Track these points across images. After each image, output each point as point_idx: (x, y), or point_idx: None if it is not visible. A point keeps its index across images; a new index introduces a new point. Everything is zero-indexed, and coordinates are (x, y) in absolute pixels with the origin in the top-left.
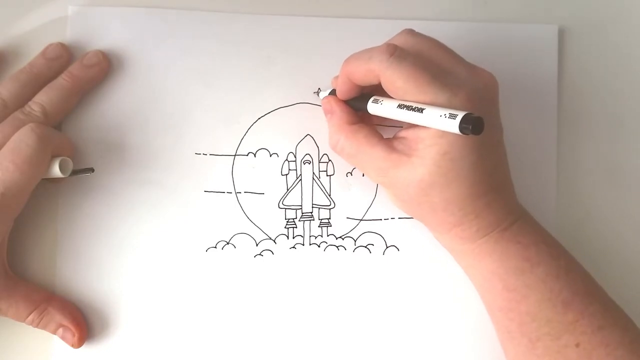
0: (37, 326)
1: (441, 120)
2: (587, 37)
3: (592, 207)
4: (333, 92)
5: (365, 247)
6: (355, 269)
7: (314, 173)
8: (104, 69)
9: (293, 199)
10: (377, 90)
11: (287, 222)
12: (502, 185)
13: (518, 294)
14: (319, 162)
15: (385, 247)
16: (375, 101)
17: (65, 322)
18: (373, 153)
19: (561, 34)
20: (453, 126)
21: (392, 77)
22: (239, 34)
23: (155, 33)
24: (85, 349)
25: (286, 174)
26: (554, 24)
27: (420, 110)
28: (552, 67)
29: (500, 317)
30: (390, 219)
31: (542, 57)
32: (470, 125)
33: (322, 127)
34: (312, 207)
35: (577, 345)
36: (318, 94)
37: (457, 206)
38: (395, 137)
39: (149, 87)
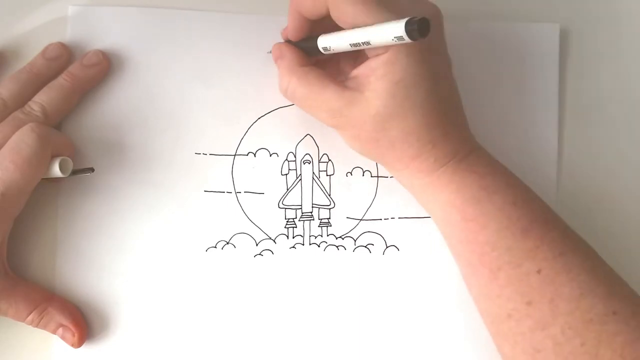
0: (37, 326)
1: (390, 26)
2: (589, 36)
3: (593, 207)
4: None
5: (365, 247)
6: (355, 269)
7: (313, 173)
8: (104, 69)
9: (293, 198)
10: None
11: (287, 222)
12: (455, 116)
13: (476, 224)
14: (319, 162)
15: (385, 247)
16: (326, 35)
17: (65, 322)
18: (325, 94)
19: (563, 33)
20: (399, 29)
21: (340, 1)
22: (239, 34)
23: (155, 33)
24: (85, 349)
25: (286, 174)
26: (555, 22)
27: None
28: (554, 67)
29: (460, 249)
30: (390, 219)
31: (543, 57)
32: (416, 25)
33: (322, 126)
34: (312, 206)
35: (539, 271)
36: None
37: (415, 136)
38: (347, 78)
39: (149, 87)
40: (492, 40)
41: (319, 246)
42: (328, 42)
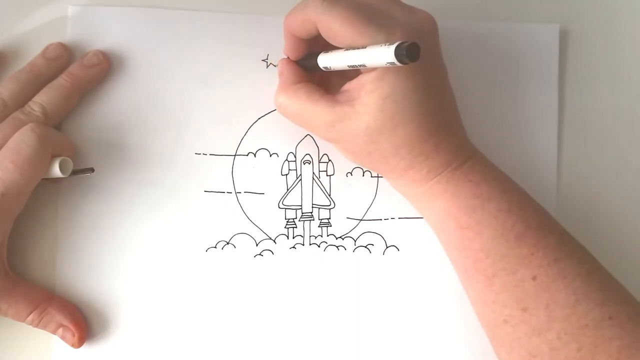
0: (37, 326)
1: (381, 51)
2: (589, 36)
3: (593, 208)
4: None
5: (365, 247)
6: (355, 269)
7: (314, 173)
8: (104, 69)
9: (293, 199)
10: (328, 48)
11: (287, 222)
12: (450, 126)
13: (471, 231)
14: (319, 162)
15: (385, 247)
16: (325, 53)
17: (65, 322)
18: (316, 109)
19: (563, 33)
20: (389, 55)
21: (328, 22)
22: (239, 34)
23: (155, 33)
24: (85, 349)
25: (286, 174)
26: (555, 23)
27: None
28: (553, 67)
29: (456, 256)
30: (390, 219)
31: (543, 57)
32: (405, 51)
33: None
34: (312, 207)
35: (534, 278)
36: (266, 62)
37: (406, 149)
38: (338, 92)
39: (149, 87)
40: (491, 41)
41: (319, 246)
42: (328, 62)
